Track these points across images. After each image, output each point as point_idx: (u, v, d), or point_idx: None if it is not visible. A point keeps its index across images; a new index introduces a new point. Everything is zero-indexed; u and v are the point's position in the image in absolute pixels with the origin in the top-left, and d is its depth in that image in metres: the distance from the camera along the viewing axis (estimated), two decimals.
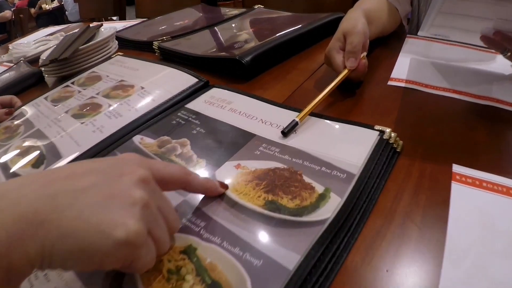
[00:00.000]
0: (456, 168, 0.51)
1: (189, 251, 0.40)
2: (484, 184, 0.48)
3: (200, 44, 1.06)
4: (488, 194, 0.47)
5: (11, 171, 0.63)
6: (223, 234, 0.42)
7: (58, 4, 7.53)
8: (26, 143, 0.71)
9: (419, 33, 0.80)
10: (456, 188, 0.48)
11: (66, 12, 6.88)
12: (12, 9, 7.29)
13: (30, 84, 1.17)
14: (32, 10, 7.67)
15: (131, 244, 0.32)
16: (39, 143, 0.69)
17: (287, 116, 0.61)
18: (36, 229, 0.29)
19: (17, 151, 0.69)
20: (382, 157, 0.51)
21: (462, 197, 0.46)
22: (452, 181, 0.49)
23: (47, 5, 8.06)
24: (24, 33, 5.05)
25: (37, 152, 0.67)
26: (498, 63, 0.80)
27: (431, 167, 0.52)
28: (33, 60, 1.40)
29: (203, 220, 0.44)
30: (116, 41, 1.23)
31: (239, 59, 0.81)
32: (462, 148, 0.55)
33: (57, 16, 7.50)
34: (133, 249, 0.32)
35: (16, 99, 0.94)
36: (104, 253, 0.31)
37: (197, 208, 0.46)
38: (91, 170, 0.35)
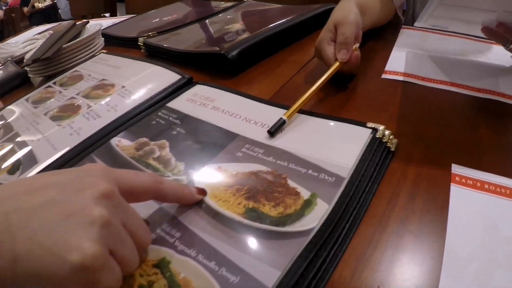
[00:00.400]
0: (456, 168, 0.48)
1: (162, 265, 0.37)
2: (486, 186, 0.45)
3: (188, 39, 1.03)
4: (490, 196, 0.44)
5: None
6: (199, 246, 0.38)
7: (51, 2, 7.50)
8: (3, 148, 0.68)
9: (416, 24, 0.77)
10: (455, 191, 0.45)
11: (59, 10, 6.86)
12: (4, 8, 7.27)
13: (16, 84, 1.14)
14: (25, 9, 7.65)
15: (88, 269, 0.28)
16: (16, 147, 0.67)
17: (273, 114, 0.57)
18: None
19: None
20: (375, 158, 0.47)
21: (462, 200, 0.43)
22: (452, 183, 0.46)
23: (40, 4, 8.04)
24: (16, 32, 5.04)
25: (10, 156, 0.64)
26: (496, 53, 0.78)
27: (428, 167, 0.49)
28: (20, 60, 1.38)
29: (179, 230, 0.40)
30: (102, 38, 1.19)
31: (225, 54, 0.78)
32: (463, 146, 0.52)
33: (50, 15, 7.49)
34: (92, 274, 0.29)
35: None
36: (61, 278, 0.28)
37: (173, 217, 0.42)
38: (50, 184, 0.32)
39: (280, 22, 0.96)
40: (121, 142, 0.59)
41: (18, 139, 0.69)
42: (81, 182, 0.33)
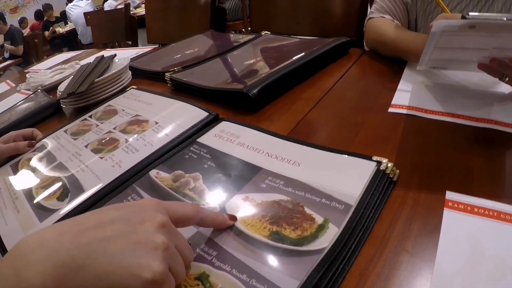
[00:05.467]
0: (450, 195, 0.53)
1: (202, 278, 0.46)
2: (476, 210, 0.50)
3: (210, 75, 1.10)
4: (478, 219, 0.49)
5: (36, 201, 0.70)
6: (233, 262, 0.47)
7: (70, 28, 7.70)
8: (50, 176, 0.76)
9: (418, 68, 0.83)
10: (447, 215, 0.51)
11: (78, 35, 7.04)
12: (26, 32, 7.47)
13: (48, 114, 1.23)
14: (46, 33, 7.86)
15: (156, 282, 0.37)
16: (62, 176, 0.75)
17: (292, 149, 0.66)
18: (75, 273, 0.35)
19: (42, 183, 0.75)
20: (378, 188, 0.54)
21: (453, 223, 0.49)
22: (445, 208, 0.52)
23: (60, 29, 8.28)
24: (39, 57, 5.18)
25: (59, 184, 0.72)
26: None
27: (425, 194, 0.55)
28: (50, 89, 1.49)
29: (215, 249, 0.49)
30: (129, 72, 1.29)
31: (247, 92, 0.86)
32: (457, 174, 0.58)
33: (70, 39, 7.68)
34: (159, 286, 0.38)
35: (37, 132, 0.99)
36: None
37: (209, 239, 0.51)
38: (116, 219, 0.41)
39: (296, 58, 1.03)
40: (159, 174, 0.67)
41: (63, 168, 0.77)
42: (141, 215, 0.41)
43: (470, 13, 0.63)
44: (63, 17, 8.55)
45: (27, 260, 0.35)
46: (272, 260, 0.46)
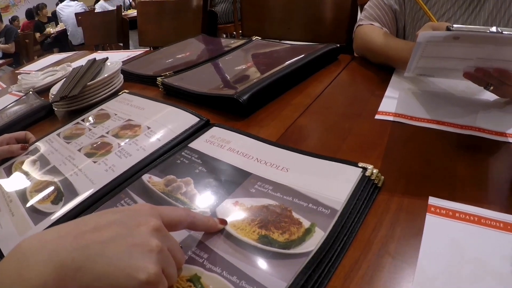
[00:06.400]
0: (432, 200, 0.56)
1: (194, 280, 0.48)
2: (457, 215, 0.53)
3: (202, 80, 1.12)
4: (460, 224, 0.51)
5: (30, 204, 0.71)
6: (223, 264, 0.49)
7: (61, 28, 7.68)
8: (44, 179, 0.78)
9: (405, 75, 0.85)
10: (430, 220, 0.53)
11: (68, 36, 7.02)
12: (19, 31, 7.44)
13: (40, 116, 1.24)
14: (38, 35, 7.82)
15: (151, 283, 0.39)
16: (56, 180, 0.76)
17: (280, 155, 0.68)
18: (75, 273, 0.37)
19: (36, 186, 0.76)
20: (363, 193, 0.56)
21: (435, 227, 0.51)
22: (427, 213, 0.54)
23: (51, 29, 8.24)
24: (30, 57, 5.16)
25: (53, 188, 0.73)
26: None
27: (408, 200, 0.57)
28: (42, 91, 1.49)
29: (206, 252, 0.51)
30: (122, 75, 1.30)
31: (237, 98, 0.87)
32: (441, 180, 0.60)
33: (61, 39, 7.65)
34: (153, 287, 0.40)
35: (30, 135, 1.00)
36: None
37: (200, 242, 0.53)
38: (113, 222, 0.42)
39: (286, 64, 1.05)
40: (151, 179, 0.69)
41: (57, 172, 0.78)
42: (136, 219, 0.43)
43: (455, 25, 0.66)
44: (54, 17, 8.51)
45: (29, 261, 0.37)
46: (261, 263, 0.48)
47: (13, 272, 0.37)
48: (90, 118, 1.02)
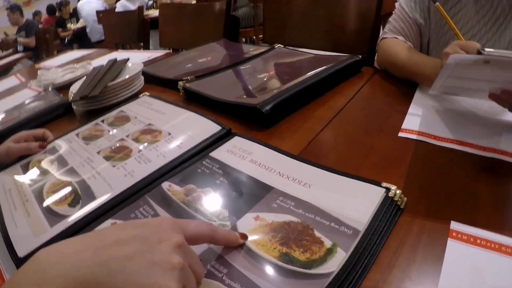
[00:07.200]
0: (454, 225, 0.55)
1: None
2: (478, 241, 0.52)
3: (223, 86, 1.12)
4: (481, 251, 0.51)
5: (47, 205, 0.71)
6: (242, 280, 0.48)
7: (82, 25, 7.74)
8: (62, 180, 0.78)
9: (429, 92, 0.85)
10: (451, 245, 0.52)
11: (87, 32, 7.08)
12: (40, 26, 7.52)
13: (59, 114, 1.25)
14: (59, 30, 7.90)
15: None
16: (74, 181, 0.76)
17: (302, 170, 0.68)
18: None
19: (53, 187, 0.76)
20: (386, 214, 0.56)
21: (456, 253, 0.51)
22: (449, 238, 0.53)
23: (72, 25, 8.32)
24: (49, 52, 5.20)
25: (71, 190, 0.74)
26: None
27: (430, 223, 0.56)
28: (61, 88, 1.50)
29: (225, 267, 0.51)
30: (142, 77, 1.31)
31: (259, 108, 0.87)
32: (463, 203, 0.60)
33: (81, 35, 7.71)
34: None
35: (48, 133, 1.00)
36: None
37: (220, 256, 0.52)
38: (134, 237, 0.42)
39: (309, 75, 1.04)
40: (171, 187, 0.69)
41: (75, 173, 0.79)
42: (158, 235, 0.43)
43: (486, 49, 0.65)
44: (75, 14, 8.59)
45: (46, 275, 0.37)
46: (281, 281, 0.47)
47: (31, 285, 0.36)
48: (110, 120, 1.02)
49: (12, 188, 0.80)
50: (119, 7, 6.32)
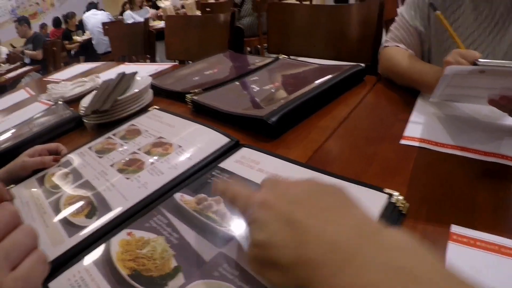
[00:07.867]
0: (454, 228, 0.57)
1: None
2: (478, 243, 0.53)
3: (230, 99, 1.15)
4: (480, 252, 0.52)
5: (64, 217, 0.73)
6: (253, 283, 0.50)
7: (88, 37, 7.81)
8: (78, 193, 0.80)
9: (430, 100, 0.87)
10: (451, 247, 0.54)
11: (93, 44, 7.14)
12: (47, 39, 7.59)
13: (70, 128, 1.28)
14: (66, 43, 7.96)
15: None
16: (90, 194, 0.78)
17: (308, 176, 0.69)
18: None
19: (69, 199, 0.79)
20: (389, 220, 0.58)
21: (456, 255, 0.52)
22: (449, 241, 0.55)
23: (78, 37, 8.40)
24: (56, 65, 5.26)
25: (87, 202, 0.76)
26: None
27: (431, 227, 0.58)
28: (70, 101, 1.54)
29: (237, 270, 0.53)
30: (151, 90, 1.34)
31: (266, 120, 0.89)
32: (463, 207, 0.61)
33: (87, 48, 7.78)
34: None
35: (62, 147, 1.02)
36: None
37: (231, 259, 0.55)
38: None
39: (313, 85, 1.07)
40: (183, 197, 0.71)
41: (90, 186, 0.81)
42: None
43: (480, 60, 0.68)
44: (81, 26, 8.67)
45: None
46: None
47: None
48: (121, 133, 1.05)
49: (30, 201, 0.82)
50: (126, 18, 6.40)
